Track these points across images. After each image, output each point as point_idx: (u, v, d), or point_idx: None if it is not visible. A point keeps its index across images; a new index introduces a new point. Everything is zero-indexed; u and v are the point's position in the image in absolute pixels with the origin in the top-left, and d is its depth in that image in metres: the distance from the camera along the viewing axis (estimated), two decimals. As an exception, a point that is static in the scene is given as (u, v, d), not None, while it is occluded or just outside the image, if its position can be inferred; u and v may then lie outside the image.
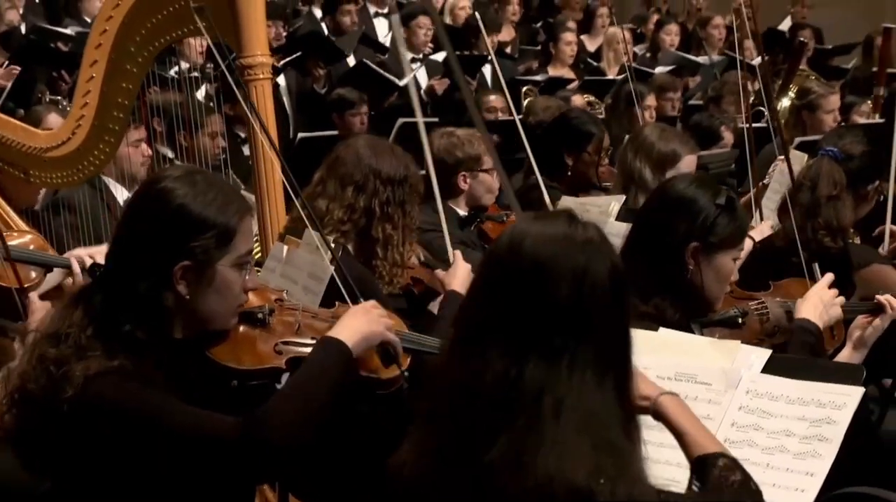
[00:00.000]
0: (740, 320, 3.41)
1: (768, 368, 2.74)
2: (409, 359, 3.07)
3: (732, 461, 2.30)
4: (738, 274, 3.61)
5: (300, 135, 7.81)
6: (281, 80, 8.95)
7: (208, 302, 2.69)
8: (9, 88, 7.57)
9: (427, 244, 4.39)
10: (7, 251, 3.77)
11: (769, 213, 5.09)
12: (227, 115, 6.51)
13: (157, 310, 2.65)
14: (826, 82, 7.94)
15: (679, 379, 2.71)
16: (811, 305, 3.50)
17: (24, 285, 3.86)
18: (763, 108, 8.54)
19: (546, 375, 2.10)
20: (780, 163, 5.70)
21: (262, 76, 4.14)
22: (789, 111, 7.09)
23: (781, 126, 6.92)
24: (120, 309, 2.63)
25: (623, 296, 2.20)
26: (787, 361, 2.88)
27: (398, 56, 7.48)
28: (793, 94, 7.23)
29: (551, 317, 2.12)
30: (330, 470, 3.49)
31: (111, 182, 5.08)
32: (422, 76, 9.54)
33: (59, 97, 7.71)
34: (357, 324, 2.86)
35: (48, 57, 8.48)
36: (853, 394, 2.66)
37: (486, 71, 9.70)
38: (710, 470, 2.28)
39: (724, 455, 2.31)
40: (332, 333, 2.82)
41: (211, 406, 2.64)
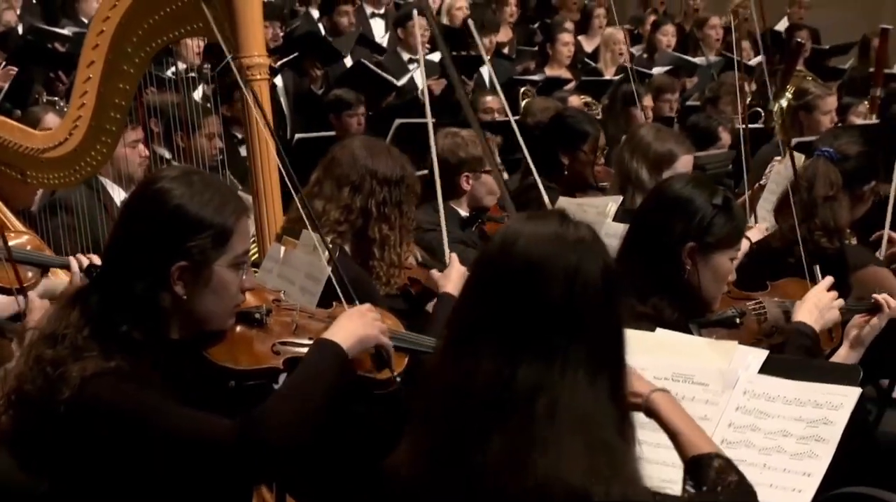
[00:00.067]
0: (738, 320, 3.41)
1: (765, 369, 2.73)
2: (406, 359, 3.07)
3: (727, 462, 2.30)
4: (735, 274, 3.62)
5: (297, 135, 7.81)
6: (278, 80, 8.93)
7: (205, 302, 2.69)
8: (6, 89, 7.56)
9: (428, 243, 4.39)
10: (9, 251, 3.77)
11: (765, 214, 5.08)
12: (224, 116, 6.50)
13: (153, 311, 2.65)
14: (823, 83, 7.93)
15: (676, 379, 2.71)
16: (808, 308, 3.50)
17: (22, 285, 3.87)
18: (760, 109, 8.56)
19: (539, 375, 2.10)
20: (777, 164, 5.71)
21: (259, 77, 4.13)
22: (786, 112, 7.08)
23: (781, 126, 6.92)
24: (116, 309, 2.63)
25: (615, 296, 2.19)
26: (785, 362, 2.88)
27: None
28: (790, 95, 7.22)
29: (544, 317, 2.12)
30: (327, 471, 3.49)
31: (108, 183, 5.07)
32: (418, 77, 9.52)
33: (56, 98, 7.70)
34: (352, 326, 2.87)
35: (45, 57, 8.46)
36: (850, 395, 2.66)
37: (485, 71, 9.69)
38: (705, 471, 2.28)
39: (718, 455, 2.30)
40: (328, 335, 2.83)
41: (208, 406, 2.64)
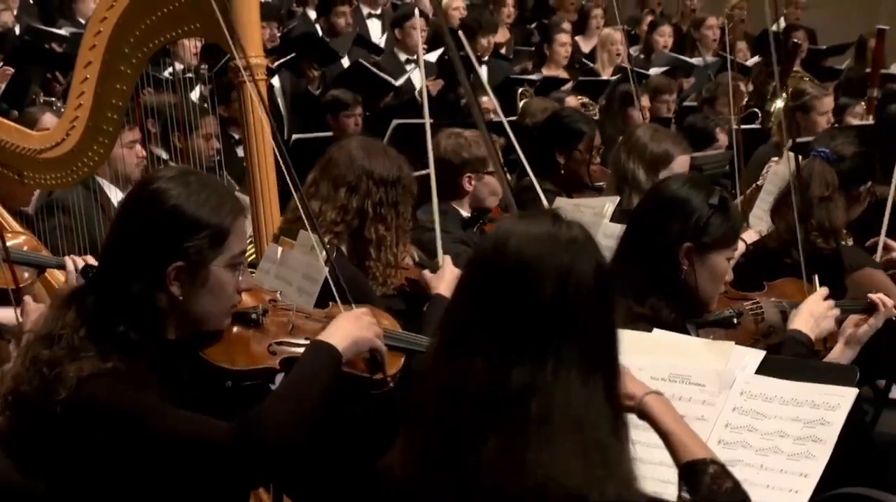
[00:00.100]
0: (735, 320, 3.42)
1: (762, 369, 2.74)
2: (402, 359, 3.07)
3: (722, 467, 2.30)
4: (732, 274, 3.62)
5: (294, 136, 7.81)
6: (275, 81, 8.93)
7: (202, 302, 2.69)
8: (3, 90, 7.56)
9: (430, 243, 4.39)
10: (7, 252, 3.77)
11: (762, 215, 5.08)
12: (222, 117, 6.51)
13: (150, 311, 2.65)
14: (820, 83, 7.93)
15: (673, 380, 2.71)
16: (804, 317, 3.50)
17: (18, 285, 3.86)
18: (757, 110, 8.56)
19: (532, 376, 2.09)
20: (774, 165, 5.71)
21: (256, 77, 4.13)
22: (783, 112, 7.08)
23: (779, 127, 6.92)
24: (113, 310, 2.63)
25: (608, 295, 2.19)
26: (782, 362, 2.88)
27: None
28: (786, 96, 7.22)
29: (536, 317, 2.11)
30: (324, 471, 3.49)
31: (105, 183, 5.07)
32: (415, 77, 9.51)
33: (53, 98, 7.69)
34: (348, 328, 2.87)
35: (42, 58, 8.44)
36: (847, 395, 2.66)
37: (483, 71, 9.68)
38: (701, 477, 2.28)
39: (713, 461, 2.30)
40: (323, 337, 2.83)
41: (205, 406, 2.64)
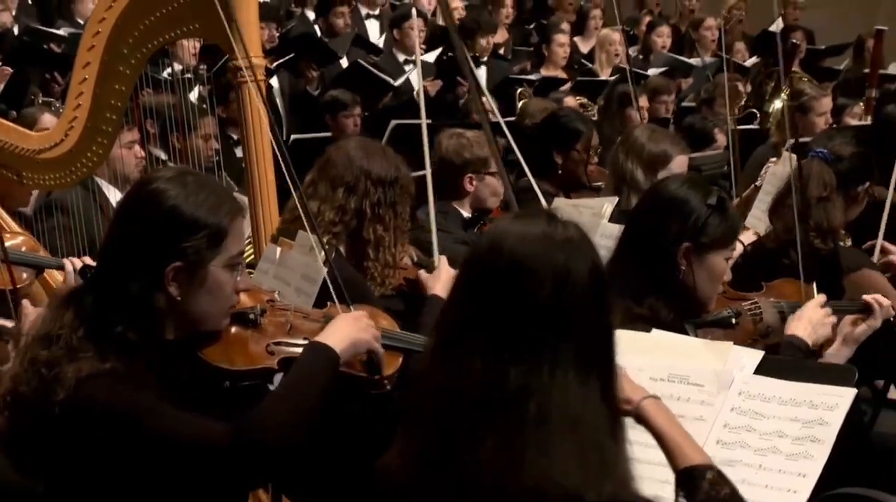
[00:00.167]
0: (734, 320, 3.42)
1: (761, 369, 2.74)
2: (400, 359, 3.07)
3: (720, 474, 2.30)
4: (731, 274, 3.62)
5: (293, 136, 7.80)
6: (274, 81, 8.93)
7: (200, 303, 2.69)
8: (1, 90, 7.56)
9: (429, 243, 4.40)
10: (5, 252, 3.77)
11: (761, 215, 5.08)
12: (220, 117, 6.51)
13: (148, 311, 2.65)
14: (818, 84, 7.95)
15: (672, 380, 2.71)
16: (802, 323, 3.49)
17: (16, 286, 3.86)
18: (755, 111, 8.57)
19: (529, 376, 2.09)
20: (773, 166, 5.71)
21: (248, 79, 4.12)
22: (781, 113, 7.09)
23: (779, 126, 6.93)
24: (111, 310, 2.63)
25: (604, 295, 2.18)
26: (780, 362, 2.88)
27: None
28: (785, 96, 7.23)
29: (532, 317, 2.11)
30: (323, 471, 3.49)
31: (104, 184, 5.06)
32: (414, 77, 9.51)
33: (51, 99, 7.68)
34: (346, 330, 2.87)
35: (41, 58, 8.44)
36: (845, 396, 2.66)
37: (481, 72, 9.69)
38: (699, 483, 2.27)
39: (711, 467, 2.30)
40: (321, 338, 2.83)
41: (203, 407, 2.64)
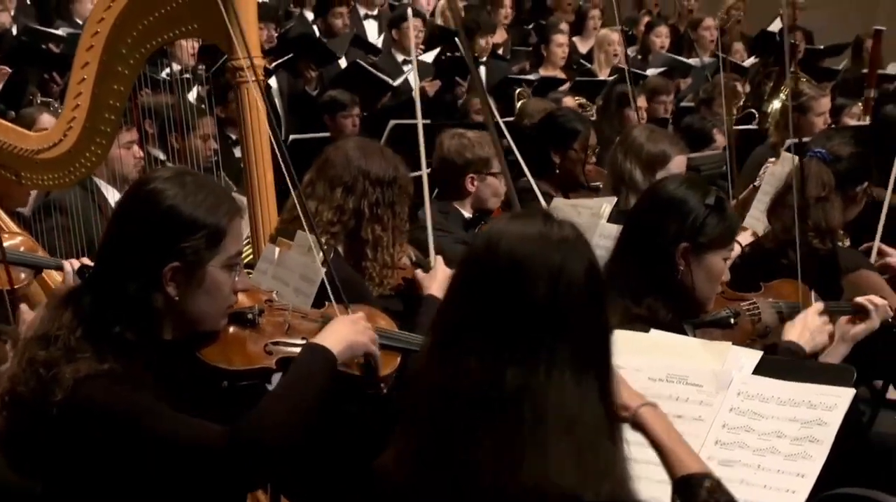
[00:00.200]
0: (732, 321, 3.41)
1: (759, 370, 2.73)
2: (398, 359, 3.07)
3: (718, 483, 2.29)
4: (729, 275, 3.62)
5: (292, 136, 7.80)
6: (273, 81, 8.93)
7: (198, 303, 2.69)
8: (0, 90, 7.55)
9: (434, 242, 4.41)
10: (3, 253, 3.77)
11: (759, 215, 5.08)
12: (219, 117, 6.50)
13: (146, 312, 2.64)
14: (817, 84, 7.94)
15: (671, 380, 2.71)
16: (799, 329, 3.48)
17: (14, 286, 3.87)
18: (754, 111, 8.57)
19: (525, 376, 2.08)
20: (771, 166, 5.71)
21: (249, 79, 4.12)
22: (780, 113, 7.10)
23: (777, 127, 6.93)
24: (110, 310, 2.63)
25: (600, 295, 2.18)
26: (779, 363, 2.88)
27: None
28: (784, 96, 7.23)
29: (528, 317, 2.11)
30: (322, 471, 3.49)
31: (103, 184, 5.06)
32: (412, 78, 9.51)
33: (50, 99, 7.68)
34: (343, 332, 2.87)
35: (40, 58, 8.44)
36: (844, 396, 2.66)
37: (481, 72, 9.69)
38: (697, 491, 2.27)
39: (709, 476, 2.29)
40: (318, 339, 2.83)
41: (201, 407, 2.64)
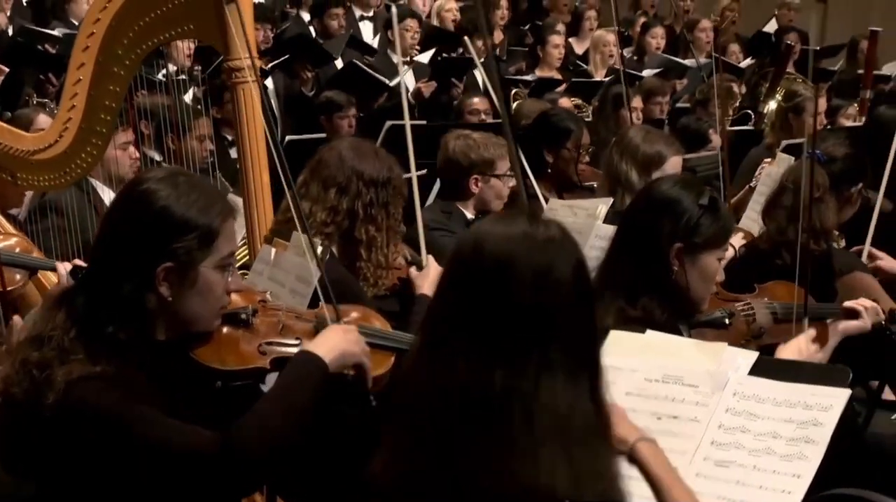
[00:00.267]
0: (727, 321, 3.42)
1: (755, 370, 2.73)
2: (392, 359, 3.07)
3: None
4: (724, 275, 3.62)
5: (288, 137, 7.80)
6: (269, 82, 8.93)
7: (191, 303, 2.69)
8: (-5, 90, 7.55)
9: (434, 242, 4.41)
10: (-2, 254, 3.78)
11: (756, 216, 5.09)
12: (215, 118, 6.49)
13: (139, 312, 2.64)
14: (813, 85, 7.94)
15: (667, 381, 2.71)
16: (792, 351, 3.47)
17: (9, 288, 3.87)
18: (750, 111, 8.56)
19: (514, 377, 2.08)
20: (767, 166, 5.72)
21: (249, 79, 4.12)
22: (776, 114, 7.11)
23: (774, 127, 6.93)
24: (103, 310, 2.62)
25: (588, 294, 2.18)
26: (774, 363, 2.89)
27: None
28: (780, 97, 7.24)
29: (515, 318, 2.11)
30: (318, 472, 3.48)
31: (98, 184, 5.05)
32: (409, 79, 9.52)
33: (46, 100, 7.67)
34: (336, 341, 2.86)
35: (35, 59, 8.42)
36: (840, 396, 2.66)
37: (478, 73, 9.70)
38: None
39: None
40: (311, 347, 2.82)
41: (195, 407, 2.64)
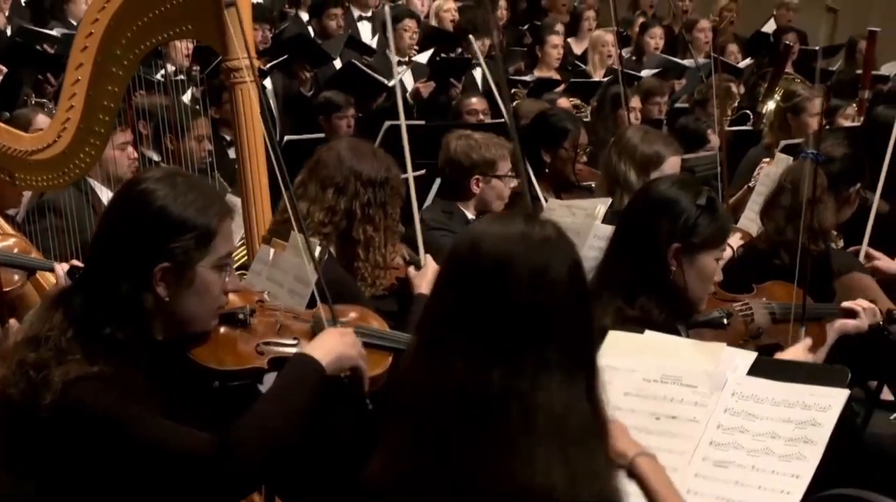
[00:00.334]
0: (725, 321, 3.42)
1: (754, 370, 2.73)
2: (390, 359, 3.07)
3: None
4: (722, 275, 3.62)
5: (286, 137, 7.80)
6: (267, 82, 8.93)
7: (188, 303, 2.69)
8: (-6, 91, 7.55)
9: (435, 241, 4.41)
10: (-4, 254, 3.78)
11: (754, 216, 5.09)
12: (213, 118, 6.50)
13: (137, 312, 2.64)
14: (811, 85, 7.95)
15: (665, 381, 2.71)
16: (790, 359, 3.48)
17: (7, 289, 3.86)
18: (748, 112, 8.57)
19: (511, 377, 2.08)
20: (766, 166, 5.73)
21: (247, 79, 4.12)
22: (774, 114, 7.11)
23: (772, 127, 6.93)
24: (100, 310, 2.62)
25: (585, 294, 2.18)
26: (773, 364, 2.89)
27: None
28: (778, 97, 7.24)
29: (512, 318, 2.11)
30: (317, 473, 3.48)
31: (97, 185, 5.06)
32: (407, 79, 9.52)
33: (44, 100, 7.67)
34: (333, 344, 2.86)
35: (34, 59, 8.43)
36: (838, 397, 2.66)
37: (477, 73, 9.71)
38: None
39: None
40: (308, 350, 2.82)
41: (192, 407, 2.64)
